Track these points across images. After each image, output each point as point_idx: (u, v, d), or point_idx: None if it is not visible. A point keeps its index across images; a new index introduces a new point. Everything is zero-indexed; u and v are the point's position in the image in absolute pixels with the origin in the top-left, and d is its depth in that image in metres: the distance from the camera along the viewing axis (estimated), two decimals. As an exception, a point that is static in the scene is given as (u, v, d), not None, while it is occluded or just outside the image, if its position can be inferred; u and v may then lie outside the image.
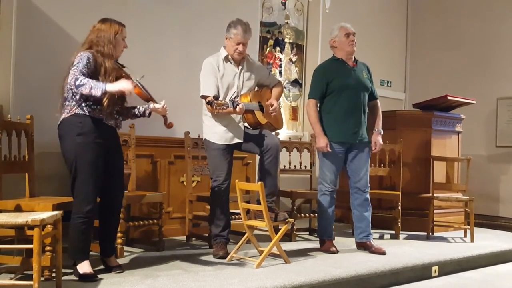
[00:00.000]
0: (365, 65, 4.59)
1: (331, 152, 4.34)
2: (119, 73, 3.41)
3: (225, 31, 4.10)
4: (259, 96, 4.19)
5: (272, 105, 4.13)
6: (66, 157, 3.31)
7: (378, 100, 4.63)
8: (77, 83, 3.13)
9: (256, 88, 4.25)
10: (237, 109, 3.83)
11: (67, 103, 3.29)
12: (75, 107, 3.27)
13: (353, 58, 4.49)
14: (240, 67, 4.12)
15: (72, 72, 3.18)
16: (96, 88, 3.13)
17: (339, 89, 4.35)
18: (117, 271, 3.43)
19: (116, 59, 3.46)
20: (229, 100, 3.87)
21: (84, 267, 3.24)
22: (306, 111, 4.51)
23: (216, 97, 3.78)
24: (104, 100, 3.22)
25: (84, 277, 3.21)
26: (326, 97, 4.41)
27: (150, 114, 3.60)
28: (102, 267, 3.48)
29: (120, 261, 3.79)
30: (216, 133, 4.04)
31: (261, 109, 4.12)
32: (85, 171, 3.25)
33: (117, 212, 3.60)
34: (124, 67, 3.51)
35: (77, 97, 3.25)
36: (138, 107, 3.58)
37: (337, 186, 4.48)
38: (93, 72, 3.26)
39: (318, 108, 4.46)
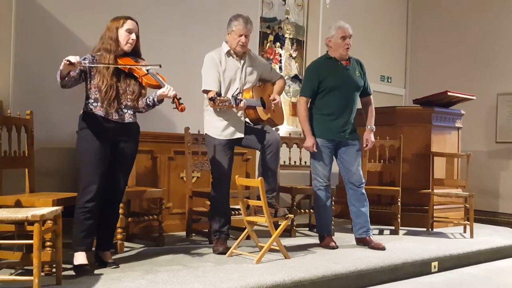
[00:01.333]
0: (358, 62, 4.58)
1: (320, 148, 4.36)
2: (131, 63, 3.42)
3: (225, 27, 4.09)
4: (261, 91, 4.19)
5: (274, 99, 4.12)
6: (75, 151, 3.43)
7: (371, 96, 4.64)
8: (57, 74, 3.22)
9: (258, 83, 4.25)
10: (241, 104, 3.84)
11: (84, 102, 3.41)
12: (84, 106, 3.39)
13: (347, 57, 4.49)
14: (242, 62, 4.11)
15: None
16: (59, 71, 3.21)
17: (331, 88, 4.36)
18: (113, 267, 3.44)
19: (137, 54, 3.51)
20: (232, 96, 3.86)
21: (79, 258, 3.26)
22: (297, 108, 4.52)
23: (219, 94, 3.78)
24: (102, 89, 3.30)
25: (77, 268, 3.23)
26: (317, 95, 4.43)
27: (161, 101, 3.51)
28: (97, 264, 3.48)
29: (120, 256, 3.81)
30: (217, 128, 4.04)
31: (263, 105, 4.12)
32: (85, 164, 3.31)
33: (117, 206, 3.61)
34: (138, 59, 3.50)
35: (84, 97, 3.35)
36: (147, 97, 3.52)
37: (331, 181, 4.49)
38: (88, 71, 3.33)
39: (309, 106, 4.47)
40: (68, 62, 3.11)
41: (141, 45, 3.57)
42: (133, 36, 3.44)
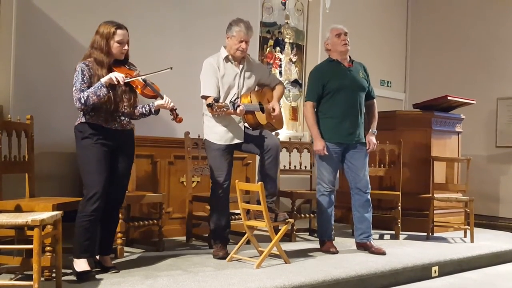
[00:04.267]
0: (362, 65, 4.59)
1: (328, 153, 4.35)
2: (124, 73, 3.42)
3: (225, 31, 4.10)
4: (260, 96, 4.19)
5: (273, 109, 4.12)
6: (77, 161, 3.41)
7: (375, 100, 4.63)
8: (82, 101, 3.22)
9: (257, 88, 4.25)
10: (238, 111, 3.84)
11: (78, 112, 3.38)
12: (81, 117, 3.38)
13: (348, 58, 4.50)
14: (240, 67, 4.11)
15: (73, 95, 3.26)
16: (98, 89, 3.22)
17: (336, 90, 4.35)
18: (113, 272, 3.44)
19: (125, 60, 3.50)
20: (230, 102, 3.87)
21: (81, 265, 3.25)
22: (304, 113, 4.51)
23: (217, 100, 3.79)
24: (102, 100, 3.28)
25: (81, 274, 3.22)
26: (323, 99, 4.42)
27: (157, 111, 3.57)
28: (97, 269, 3.48)
29: (120, 261, 3.81)
30: (216, 133, 4.04)
31: (262, 109, 4.12)
32: (91, 171, 3.30)
33: (117, 211, 3.62)
34: (131, 67, 3.51)
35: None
36: (144, 105, 3.56)
37: (336, 186, 4.48)
38: (91, 82, 3.31)
39: (315, 110, 4.46)
40: (117, 82, 3.23)
41: (141, 48, 3.58)
42: (125, 46, 3.45)
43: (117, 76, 3.27)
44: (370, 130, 4.53)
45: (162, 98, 3.51)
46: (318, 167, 4.46)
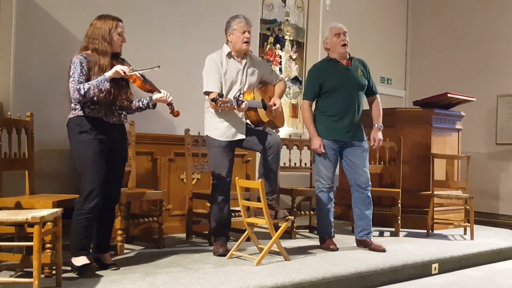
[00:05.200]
0: (361, 61, 4.57)
1: (325, 150, 4.35)
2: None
3: (225, 29, 4.09)
4: (263, 93, 4.19)
5: (274, 104, 4.12)
6: (72, 155, 3.39)
7: (378, 95, 4.62)
8: (82, 92, 3.20)
9: (259, 85, 4.24)
10: (241, 106, 3.84)
11: (72, 105, 3.35)
12: (78, 110, 3.33)
13: (347, 56, 4.49)
14: (243, 63, 4.11)
15: (71, 85, 3.23)
16: (101, 83, 3.22)
17: (333, 89, 4.36)
18: (113, 269, 3.44)
19: (119, 54, 3.48)
20: (233, 97, 3.87)
21: (81, 260, 3.26)
22: (301, 112, 4.52)
23: (221, 95, 3.79)
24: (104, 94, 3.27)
25: (82, 268, 3.23)
26: (320, 97, 4.44)
27: (155, 105, 3.59)
28: (97, 267, 3.48)
29: (120, 258, 3.81)
30: (218, 129, 4.04)
31: (264, 107, 4.12)
32: (89, 168, 3.28)
33: (113, 208, 3.61)
34: (124, 60, 3.51)
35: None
36: (141, 99, 3.56)
37: (334, 183, 4.48)
38: (89, 74, 3.30)
39: (314, 107, 4.47)
40: (123, 74, 3.24)
41: (141, 45, 3.57)
42: (125, 39, 3.46)
43: (123, 68, 3.30)
44: (376, 126, 4.52)
45: (159, 92, 3.52)
46: (316, 164, 4.47)
